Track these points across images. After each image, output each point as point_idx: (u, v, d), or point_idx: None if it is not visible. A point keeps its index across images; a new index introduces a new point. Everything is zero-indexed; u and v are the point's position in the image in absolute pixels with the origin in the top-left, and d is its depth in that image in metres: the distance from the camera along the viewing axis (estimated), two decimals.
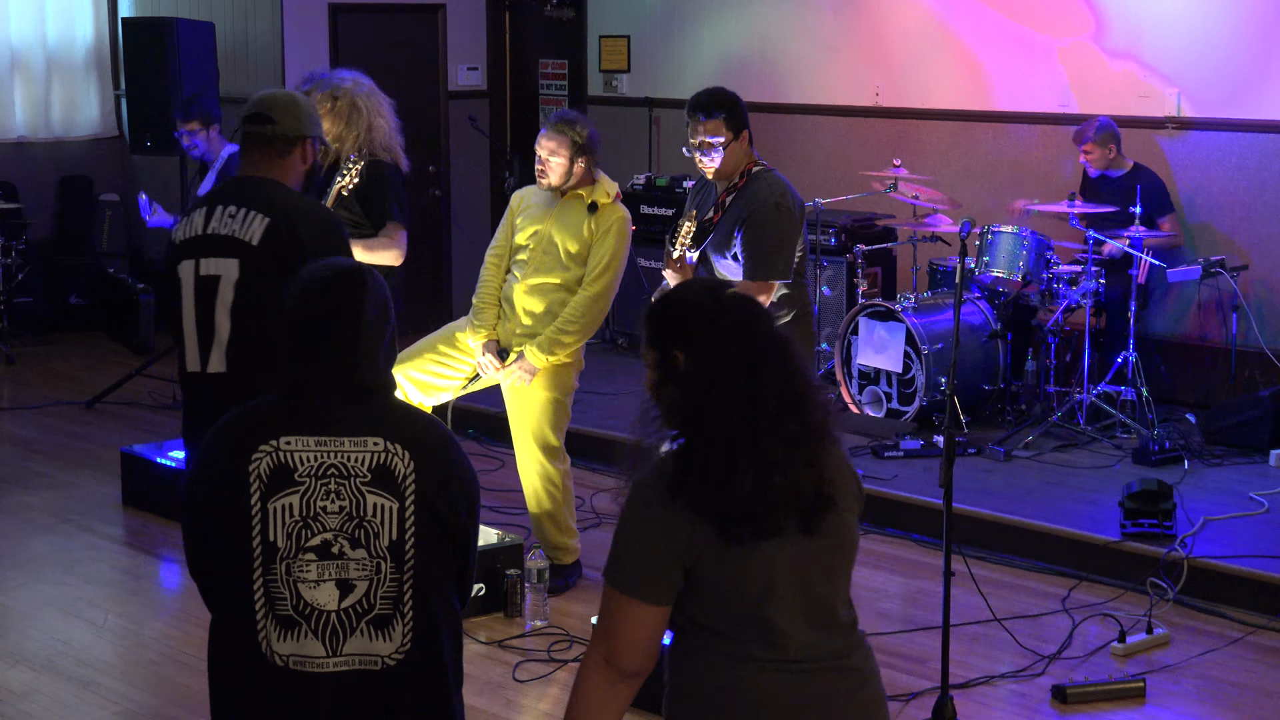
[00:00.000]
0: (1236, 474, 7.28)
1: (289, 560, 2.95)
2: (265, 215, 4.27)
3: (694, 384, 2.76)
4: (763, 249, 5.09)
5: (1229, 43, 8.35)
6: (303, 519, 2.96)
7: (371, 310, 3.10)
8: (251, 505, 2.96)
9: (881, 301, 8.20)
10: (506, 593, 5.85)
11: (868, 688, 2.87)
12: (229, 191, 4.42)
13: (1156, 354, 8.34)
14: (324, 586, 2.96)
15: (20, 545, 6.80)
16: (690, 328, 2.79)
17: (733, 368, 2.74)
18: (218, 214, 4.33)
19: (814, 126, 9.98)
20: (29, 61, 11.44)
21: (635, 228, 9.61)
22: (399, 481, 3.01)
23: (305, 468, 2.98)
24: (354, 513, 2.98)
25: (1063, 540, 6.48)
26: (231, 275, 4.26)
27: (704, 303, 2.83)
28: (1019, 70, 9.10)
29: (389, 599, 2.99)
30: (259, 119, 4.42)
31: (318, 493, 2.98)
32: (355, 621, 2.97)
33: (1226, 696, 5.29)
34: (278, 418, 3.04)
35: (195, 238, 4.34)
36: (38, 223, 11.30)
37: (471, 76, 11.57)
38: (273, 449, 2.99)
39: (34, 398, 9.43)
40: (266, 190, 4.36)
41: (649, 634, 2.76)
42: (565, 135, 5.88)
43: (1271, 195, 8.29)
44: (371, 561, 2.98)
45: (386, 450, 3.01)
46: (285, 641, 2.95)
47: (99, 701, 5.24)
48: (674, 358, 2.80)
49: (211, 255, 4.29)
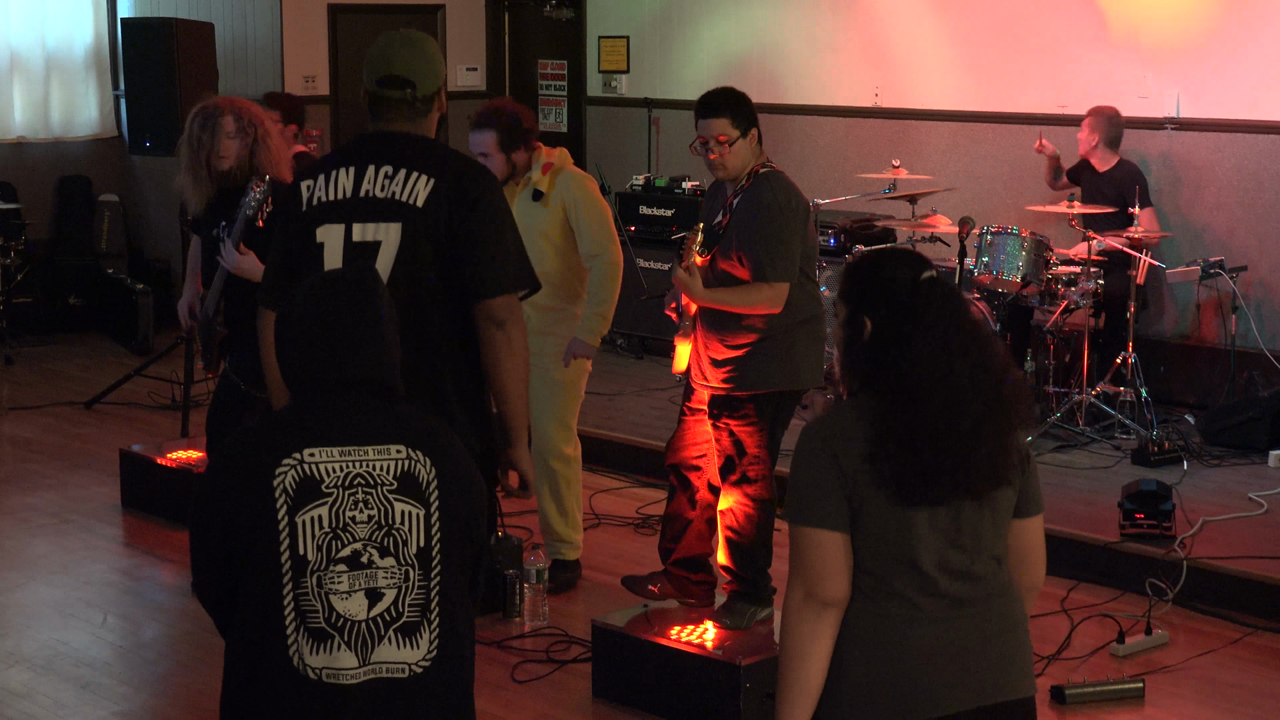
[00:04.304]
0: (1235, 475, 7.28)
1: (320, 573, 2.92)
2: (430, 176, 3.95)
3: (888, 355, 2.90)
4: (766, 249, 5.09)
5: (1229, 43, 8.35)
6: (333, 530, 2.93)
7: (384, 304, 3.09)
8: (279, 520, 2.92)
9: None
10: (505, 593, 5.85)
11: (1004, 637, 2.99)
12: (376, 149, 4.04)
13: (1155, 355, 8.34)
14: (355, 597, 2.94)
15: (20, 545, 6.80)
16: (890, 299, 2.93)
17: (936, 346, 2.89)
18: (370, 174, 3.98)
19: (813, 127, 9.98)
20: (28, 62, 11.44)
21: (634, 228, 9.70)
22: (424, 489, 2.99)
23: (332, 478, 2.95)
24: (383, 521, 2.96)
25: (1062, 541, 6.47)
26: (394, 240, 3.93)
27: (901, 279, 2.94)
28: (1019, 70, 9.10)
29: (416, 606, 2.97)
30: (396, 82, 4.03)
31: (346, 503, 2.95)
32: (383, 630, 2.95)
33: (1225, 697, 5.29)
34: (298, 429, 3.00)
35: (344, 200, 3.99)
36: (37, 223, 11.30)
37: (471, 77, 11.58)
38: (297, 462, 2.94)
39: (33, 398, 9.43)
40: (422, 148, 4.03)
41: (839, 560, 2.88)
42: (488, 131, 5.85)
43: (1271, 195, 8.29)
44: (400, 569, 2.96)
45: (410, 458, 3.00)
46: (318, 654, 2.92)
47: (98, 701, 5.24)
48: (862, 323, 2.94)
49: (369, 220, 3.95)
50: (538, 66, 11.57)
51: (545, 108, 11.49)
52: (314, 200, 4.01)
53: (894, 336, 2.91)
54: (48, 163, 11.63)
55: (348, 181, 3.99)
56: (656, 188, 9.85)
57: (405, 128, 4.05)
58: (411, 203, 3.92)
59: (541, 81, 11.55)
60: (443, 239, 3.93)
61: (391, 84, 4.02)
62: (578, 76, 11.33)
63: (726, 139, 5.16)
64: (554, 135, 11.19)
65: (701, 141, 5.23)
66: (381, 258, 3.93)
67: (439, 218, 3.92)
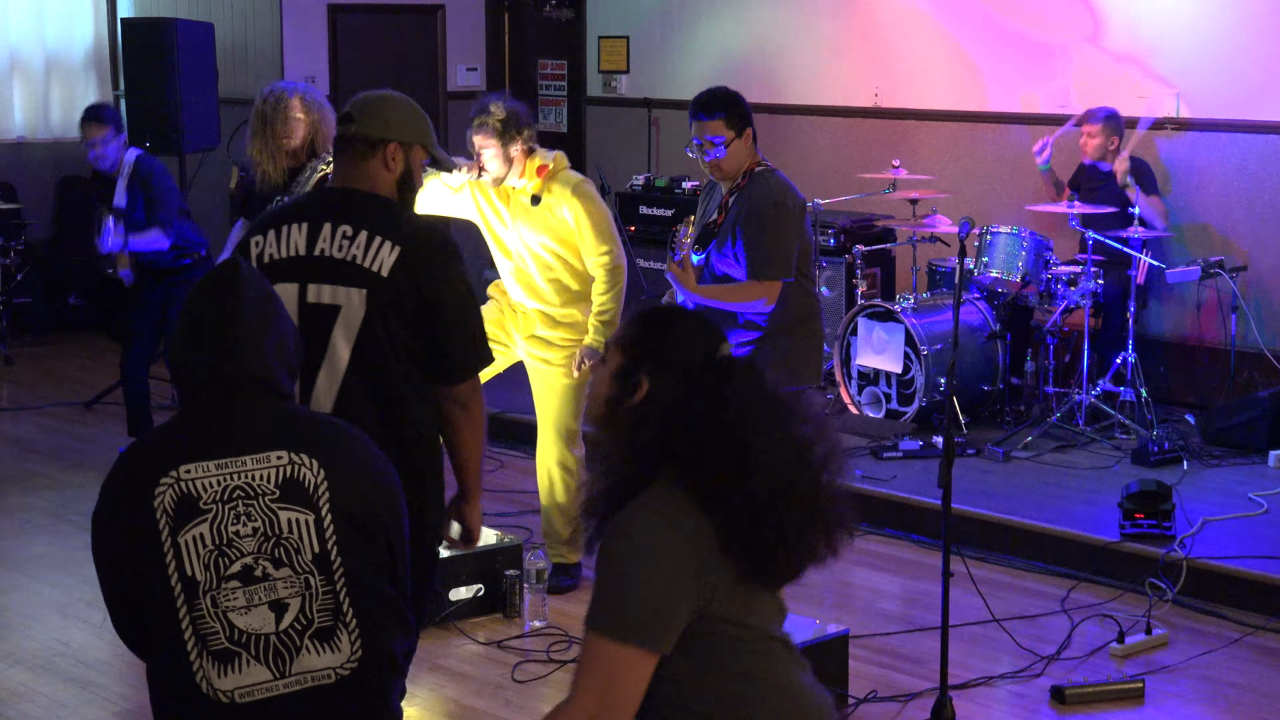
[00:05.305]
0: (1235, 475, 7.28)
1: (213, 592, 2.85)
2: (395, 244, 3.79)
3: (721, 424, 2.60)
4: (762, 248, 5.09)
5: (1228, 43, 8.35)
6: (217, 547, 2.86)
7: (249, 294, 3.00)
8: (163, 542, 2.85)
9: (881, 302, 8.20)
10: (505, 593, 5.86)
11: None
12: (330, 206, 3.91)
13: (1155, 355, 8.34)
14: (256, 611, 2.86)
15: (20, 545, 6.80)
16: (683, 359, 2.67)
17: (766, 415, 2.63)
18: (327, 233, 3.83)
19: (813, 127, 9.98)
20: (28, 62, 11.44)
21: (634, 228, 9.69)
22: (311, 492, 2.92)
23: (210, 494, 2.88)
24: (269, 531, 2.88)
25: (1062, 541, 6.48)
26: (355, 308, 3.78)
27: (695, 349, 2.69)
28: (1018, 71, 9.10)
29: (327, 611, 2.90)
30: (343, 118, 3.97)
31: (227, 518, 2.87)
32: (299, 639, 2.88)
33: (1225, 697, 5.29)
34: (174, 447, 2.93)
35: (297, 259, 3.83)
36: (36, 223, 11.30)
37: (470, 77, 11.58)
38: (174, 480, 2.88)
39: (33, 398, 9.43)
40: (382, 210, 3.88)
41: (643, 691, 2.58)
42: (487, 127, 5.75)
43: (1271, 196, 8.29)
44: (299, 578, 2.89)
45: (292, 462, 2.92)
46: (226, 676, 2.84)
47: (98, 702, 5.24)
48: (638, 382, 2.68)
49: (324, 281, 3.80)
50: (537, 66, 11.57)
51: (545, 108, 11.49)
52: (264, 257, 3.87)
53: (685, 409, 2.61)
54: (48, 163, 11.62)
55: (300, 238, 3.85)
56: (656, 188, 9.85)
57: (351, 174, 3.92)
58: (376, 270, 3.78)
59: (541, 81, 11.55)
60: (410, 311, 3.80)
61: (341, 120, 3.98)
62: (577, 76, 11.32)
63: (721, 140, 5.16)
64: (554, 135, 11.19)
65: (697, 143, 5.24)
66: (344, 323, 3.79)
67: (405, 289, 3.78)
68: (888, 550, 6.71)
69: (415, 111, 4.02)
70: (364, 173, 3.91)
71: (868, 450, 7.63)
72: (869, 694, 5.18)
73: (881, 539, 6.82)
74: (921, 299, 8.18)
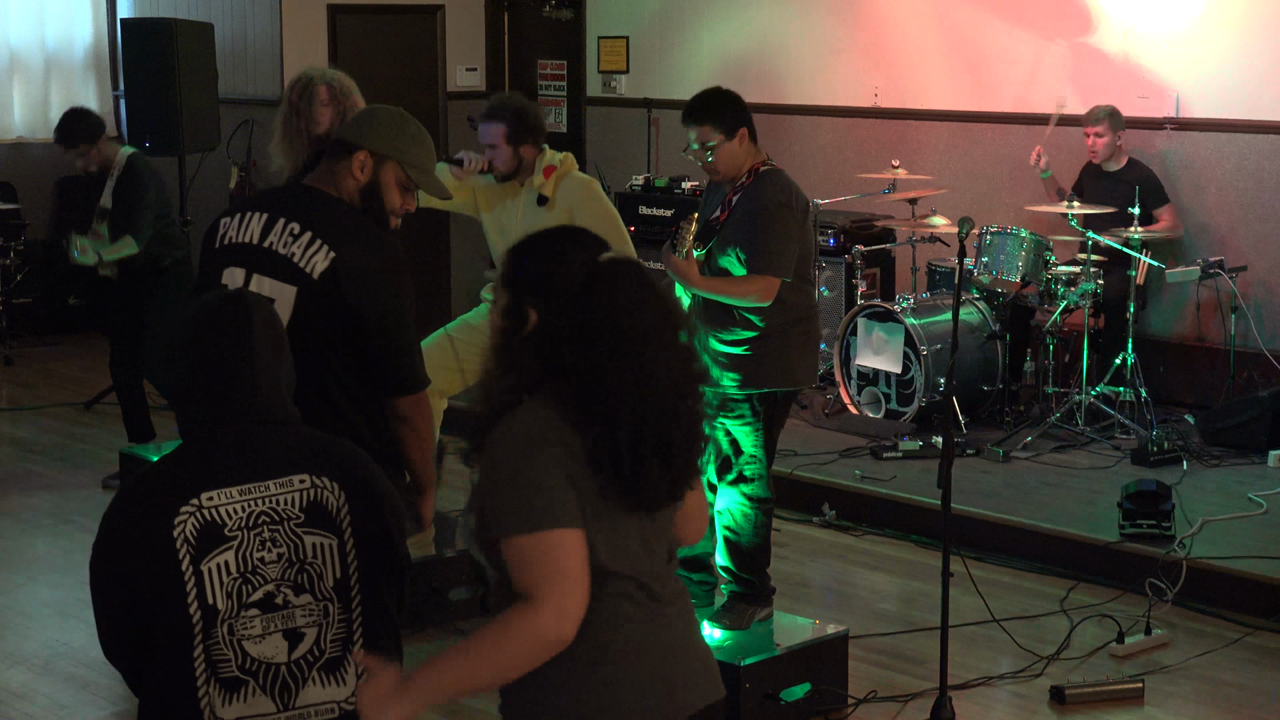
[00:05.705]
0: (1235, 475, 7.28)
1: (231, 620, 2.80)
2: (331, 249, 3.82)
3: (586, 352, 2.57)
4: (763, 244, 5.10)
5: (1228, 43, 8.35)
6: (241, 575, 2.81)
7: (262, 331, 2.94)
8: (184, 572, 2.78)
9: (880, 302, 8.20)
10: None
11: (698, 635, 2.84)
12: (293, 203, 3.94)
13: (1155, 355, 8.34)
14: (270, 639, 2.82)
15: (20, 545, 6.81)
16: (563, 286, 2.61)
17: (630, 341, 2.58)
18: (279, 228, 3.86)
19: (813, 127, 9.98)
20: (28, 62, 11.44)
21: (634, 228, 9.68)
22: (334, 516, 2.88)
23: (235, 520, 2.82)
24: (294, 557, 2.84)
25: (1061, 541, 6.49)
26: (286, 303, 3.79)
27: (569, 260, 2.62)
28: (1018, 71, 9.10)
29: (338, 641, 2.87)
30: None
31: (253, 544, 2.82)
32: (307, 671, 2.84)
33: (1225, 697, 5.29)
34: (193, 473, 2.86)
35: (249, 246, 3.88)
36: (36, 223, 11.30)
37: (470, 77, 11.57)
38: (195, 508, 2.81)
39: (33, 399, 9.43)
40: (332, 213, 3.89)
41: (585, 561, 2.55)
42: (497, 123, 5.76)
43: (1270, 196, 8.29)
44: (319, 605, 2.85)
45: (314, 485, 2.88)
46: (230, 705, 2.80)
47: (97, 702, 5.24)
48: (525, 314, 2.63)
49: (266, 274, 3.83)
50: (537, 67, 11.57)
51: (545, 108, 11.47)
52: (225, 239, 3.93)
53: (566, 332, 2.57)
54: (48, 163, 11.59)
55: (256, 228, 3.90)
56: (656, 188, 9.85)
57: (323, 175, 3.96)
58: (308, 271, 3.80)
59: (541, 82, 11.55)
60: (336, 316, 3.79)
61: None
62: (577, 77, 11.32)
63: (712, 143, 5.17)
64: (554, 136, 11.15)
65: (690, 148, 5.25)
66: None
67: (332, 294, 3.79)
68: (887, 550, 6.71)
69: (403, 129, 3.98)
70: (332, 175, 3.94)
71: (868, 450, 7.63)
72: (869, 694, 5.18)
73: (881, 539, 6.82)
74: (921, 299, 8.18)
